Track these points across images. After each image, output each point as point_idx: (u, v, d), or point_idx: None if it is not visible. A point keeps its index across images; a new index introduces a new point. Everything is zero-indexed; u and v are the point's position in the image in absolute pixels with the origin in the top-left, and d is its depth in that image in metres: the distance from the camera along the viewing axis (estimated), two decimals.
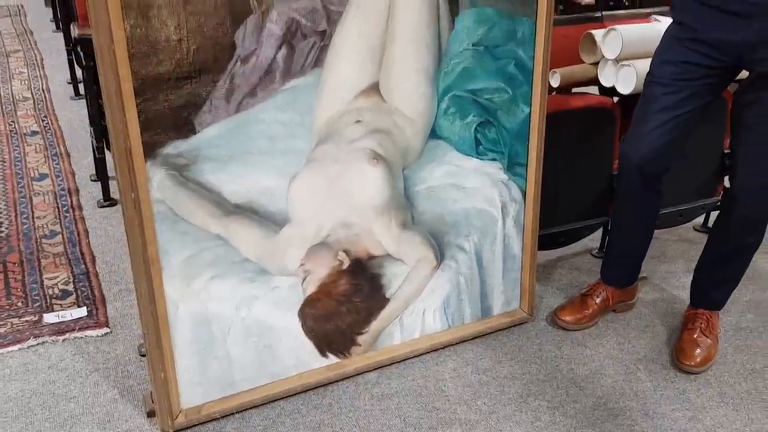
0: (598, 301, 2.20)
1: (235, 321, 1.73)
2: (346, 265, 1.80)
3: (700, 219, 2.78)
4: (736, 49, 1.72)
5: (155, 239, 1.57)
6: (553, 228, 2.34)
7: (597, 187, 2.36)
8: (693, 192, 2.56)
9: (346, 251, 1.80)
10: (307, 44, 1.61)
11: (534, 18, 1.84)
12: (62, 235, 2.42)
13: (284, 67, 1.60)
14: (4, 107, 3.35)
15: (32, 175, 2.80)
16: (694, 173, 2.49)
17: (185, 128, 1.54)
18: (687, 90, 1.83)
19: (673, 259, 2.59)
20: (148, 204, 1.54)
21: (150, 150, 1.51)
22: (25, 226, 2.45)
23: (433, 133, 1.85)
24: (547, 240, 2.36)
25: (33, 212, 2.51)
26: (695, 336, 2.07)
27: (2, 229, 2.43)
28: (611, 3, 4.51)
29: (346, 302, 1.84)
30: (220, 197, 1.63)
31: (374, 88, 1.74)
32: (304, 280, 1.78)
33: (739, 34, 1.69)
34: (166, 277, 1.62)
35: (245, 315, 1.74)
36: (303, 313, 1.80)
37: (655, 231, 2.62)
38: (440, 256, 1.94)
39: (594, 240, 2.60)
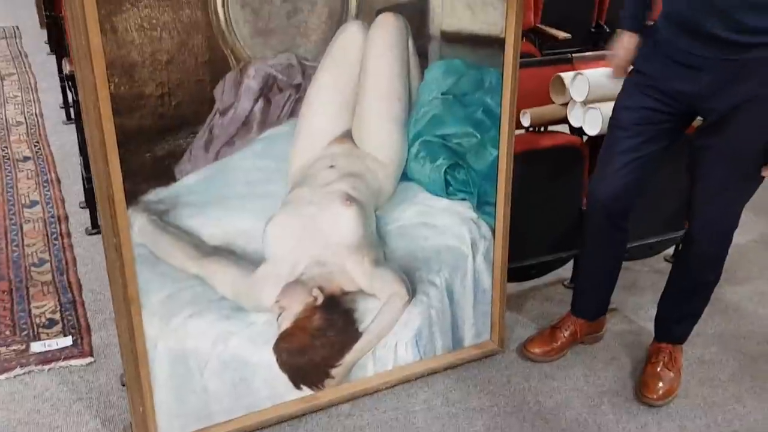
0: (566, 333, 2.29)
1: (212, 356, 1.80)
2: (320, 301, 1.87)
3: (671, 250, 2.87)
4: (690, 99, 1.83)
5: (135, 280, 1.65)
6: (524, 261, 2.43)
7: (567, 221, 2.45)
8: (662, 225, 2.65)
9: (320, 288, 1.88)
10: (283, 97, 1.70)
11: (501, 68, 1.93)
12: (51, 263, 2.50)
13: (261, 118, 1.69)
14: None
15: (23, 201, 2.88)
16: (663, 207, 2.58)
17: (166, 176, 1.62)
18: (646, 134, 1.93)
19: (644, 291, 2.68)
20: (129, 248, 1.62)
21: (132, 197, 1.59)
22: (15, 254, 2.52)
23: (405, 176, 1.94)
24: (518, 272, 2.45)
25: (23, 240, 2.59)
26: (658, 369, 2.16)
27: None
28: (593, 29, 4.63)
29: (320, 336, 1.91)
30: (198, 240, 1.71)
31: (347, 135, 1.83)
32: (279, 316, 1.85)
33: (692, 86, 1.80)
34: (146, 315, 1.69)
35: (222, 350, 1.81)
36: (278, 348, 1.87)
37: (627, 262, 2.72)
38: (412, 291, 2.02)
39: (567, 270, 2.68)
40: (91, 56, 1.44)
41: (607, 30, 4.53)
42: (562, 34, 3.47)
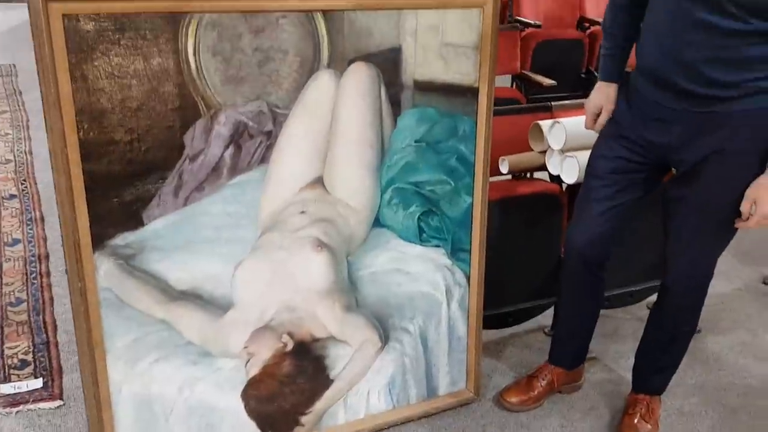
0: (543, 383, 2.27)
1: (177, 402, 1.79)
2: (289, 347, 1.86)
3: (654, 297, 2.85)
4: (661, 150, 1.84)
5: (100, 324, 1.65)
6: (502, 308, 2.42)
7: (545, 268, 2.45)
8: (643, 273, 2.65)
9: (290, 333, 1.86)
10: (254, 143, 1.71)
11: (474, 117, 1.95)
12: (28, 302, 2.49)
13: (231, 164, 1.70)
14: None
15: (6, 240, 2.89)
16: (643, 255, 2.58)
17: (134, 221, 1.63)
18: (621, 183, 1.95)
19: (625, 339, 2.66)
20: (94, 292, 1.62)
21: (98, 241, 1.59)
22: None
23: (377, 222, 1.94)
24: (496, 319, 2.44)
25: (2, 279, 2.58)
26: (635, 421, 2.13)
27: None
28: (583, 75, 4.70)
29: (289, 383, 1.88)
30: (165, 284, 1.71)
31: (318, 181, 1.84)
32: (247, 362, 1.83)
33: (663, 137, 1.81)
34: (111, 359, 1.68)
35: (188, 396, 1.79)
36: (246, 395, 1.85)
37: (608, 310, 2.71)
38: (385, 338, 2.00)
39: (548, 317, 2.67)
40: (60, 103, 1.46)
41: (597, 76, 4.58)
42: (546, 81, 3.52)
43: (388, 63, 1.81)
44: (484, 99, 1.94)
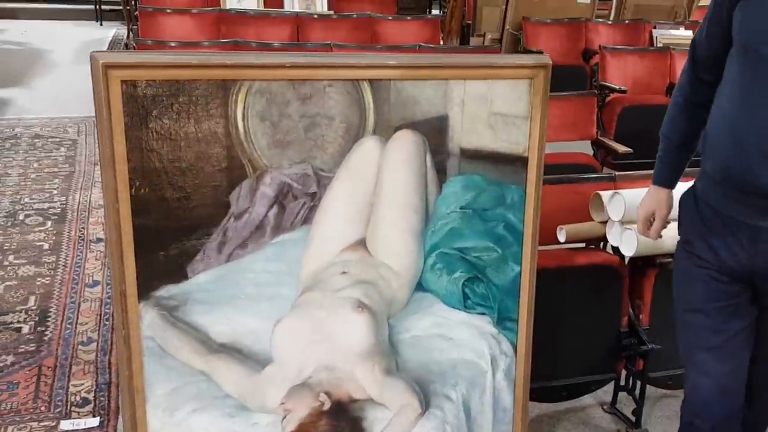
0: None
1: None
2: (326, 407, 1.85)
3: None
4: (745, 276, 1.60)
5: (142, 372, 1.71)
6: (554, 381, 2.34)
7: (604, 343, 2.36)
8: None
9: (327, 393, 1.86)
10: (298, 204, 1.76)
11: (524, 185, 1.93)
12: (97, 343, 2.63)
13: (274, 224, 1.75)
14: (80, 214, 3.73)
15: (87, 281, 3.08)
16: None
17: (178, 274, 1.69)
18: (724, 312, 1.64)
19: None
20: (138, 340, 1.69)
21: (144, 292, 1.67)
22: (67, 331, 2.67)
23: (420, 286, 1.92)
24: (548, 392, 2.36)
25: (77, 318, 2.74)
26: None
27: (47, 332, 2.66)
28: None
29: None
30: (205, 336, 1.75)
31: (361, 243, 1.85)
32: (283, 418, 1.83)
33: (744, 262, 1.56)
34: (150, 407, 1.74)
35: None
36: None
37: (674, 390, 2.55)
38: (425, 404, 1.96)
39: (607, 392, 2.55)
40: (115, 162, 1.56)
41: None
42: (621, 148, 3.44)
43: (434, 131, 1.83)
44: (533, 168, 1.91)
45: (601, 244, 2.50)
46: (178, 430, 1.77)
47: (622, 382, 2.48)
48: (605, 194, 2.28)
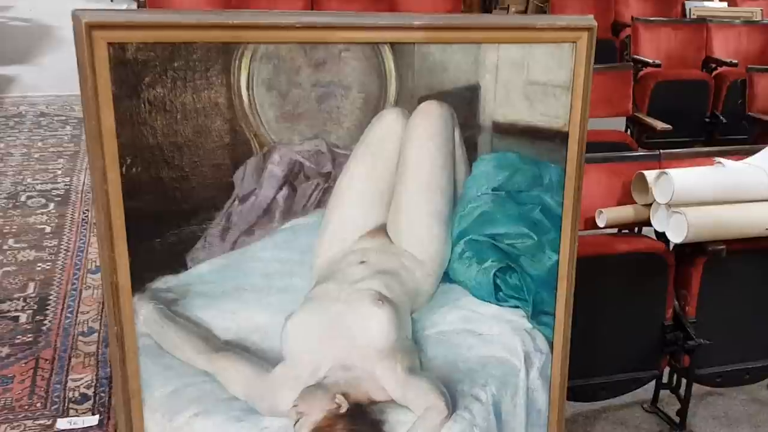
0: None
1: None
2: (343, 409, 1.69)
3: None
4: None
5: (137, 373, 1.55)
6: (592, 379, 2.15)
7: (646, 338, 2.17)
8: (762, 348, 2.29)
9: (344, 394, 1.70)
10: (310, 185, 1.59)
11: (563, 164, 1.73)
12: (99, 333, 2.48)
13: (284, 208, 1.58)
14: (84, 195, 3.58)
15: (89, 266, 2.93)
16: (763, 327, 2.23)
17: (177, 264, 1.53)
18: None
19: (738, 423, 2.31)
20: (132, 338, 1.53)
21: (138, 284, 1.50)
22: (67, 321, 2.54)
23: (447, 277, 1.76)
24: (585, 391, 2.18)
25: (78, 306, 2.61)
26: None
27: (46, 321, 2.53)
28: (707, 119, 4.30)
29: None
30: (209, 333, 1.60)
31: (381, 229, 1.69)
32: (296, 422, 1.68)
33: None
34: (147, 411, 1.58)
35: None
36: None
37: (720, 388, 2.36)
38: (452, 406, 1.79)
39: (648, 391, 2.36)
40: (102, 137, 1.38)
41: (724, 121, 4.21)
42: (660, 125, 3.21)
43: (463, 102, 1.65)
44: (574, 145, 1.72)
45: (636, 229, 2.31)
46: None
47: (665, 379, 2.29)
48: (650, 174, 2.08)
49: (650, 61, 4.16)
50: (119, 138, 1.40)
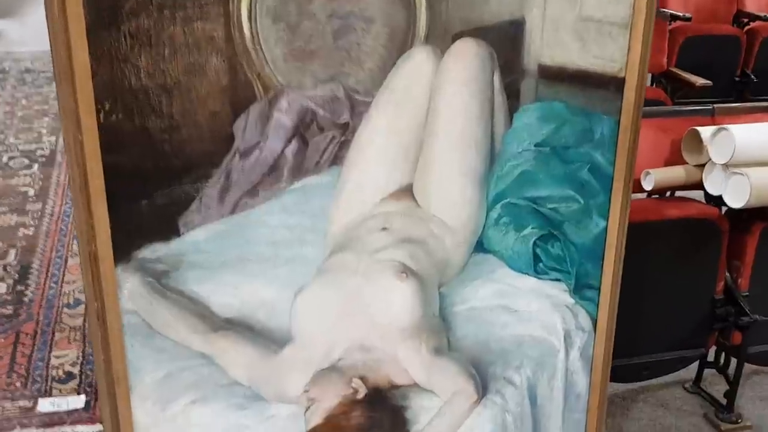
0: None
1: None
2: (361, 395, 1.54)
3: None
4: None
5: (123, 356, 1.36)
6: (634, 358, 1.97)
7: (694, 313, 1.99)
8: None
9: (362, 378, 1.55)
10: (324, 138, 1.39)
11: (617, 117, 1.52)
12: (86, 305, 2.28)
13: (294, 164, 1.39)
14: None
15: (75, 232, 2.73)
16: None
17: (167, 229, 1.34)
18: None
19: None
20: (116, 316, 1.33)
21: (122, 253, 1.30)
22: (51, 291, 2.37)
23: (481, 246, 1.59)
24: (627, 371, 2.00)
25: (63, 276, 2.42)
26: None
27: (27, 292, 2.35)
28: (737, 78, 4.07)
29: None
30: (206, 310, 1.43)
31: (406, 191, 1.51)
32: (307, 409, 1.53)
33: None
34: (136, 399, 1.40)
35: None
36: None
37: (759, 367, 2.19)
38: (482, 390, 1.63)
39: (690, 370, 2.17)
40: (74, 77, 1.15)
41: (755, 80, 3.99)
42: (700, 81, 2.99)
43: (505, 41, 1.46)
44: (631, 94, 1.51)
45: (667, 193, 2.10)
46: (174, 427, 1.46)
47: (710, 358, 2.10)
48: (705, 131, 1.85)
49: (680, 14, 3.92)
50: (95, 77, 1.17)
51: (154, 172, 1.27)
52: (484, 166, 1.51)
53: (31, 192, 3.09)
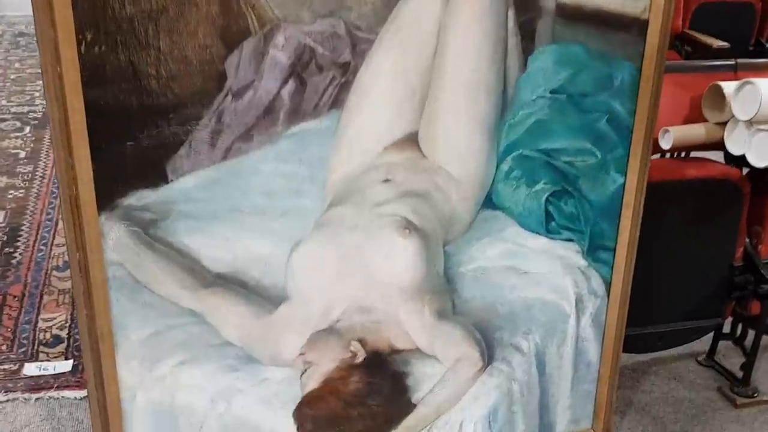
0: None
1: (209, 417, 1.43)
2: (360, 359, 1.49)
3: None
4: None
5: (107, 310, 1.27)
6: (648, 327, 1.88)
7: (711, 280, 1.89)
8: None
9: (361, 341, 1.49)
10: (324, 79, 1.30)
11: (639, 62, 1.42)
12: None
13: (291, 107, 1.30)
14: None
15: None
16: None
17: (154, 175, 1.25)
18: None
19: None
20: (100, 267, 1.24)
21: (106, 199, 1.22)
22: (40, 254, 2.28)
23: (489, 202, 1.51)
24: (638, 341, 1.91)
25: (53, 238, 2.34)
26: None
27: (16, 254, 2.27)
28: (751, 47, 3.94)
29: (357, 405, 1.51)
30: (197, 264, 1.35)
31: (411, 140, 1.43)
32: (303, 373, 1.47)
33: None
34: (122, 357, 1.33)
35: (223, 411, 1.43)
36: (300, 414, 1.49)
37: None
38: (488, 356, 1.58)
39: (704, 342, 2.08)
40: (53, 3, 1.07)
41: None
42: (717, 43, 2.87)
43: None
44: (655, 39, 1.42)
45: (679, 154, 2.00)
46: (161, 388, 1.39)
47: (726, 329, 2.02)
48: (728, 86, 1.74)
49: None
50: (75, 7, 1.07)
51: (139, 110, 1.17)
52: (495, 114, 1.42)
53: (23, 154, 3.03)
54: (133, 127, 1.18)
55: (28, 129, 3.24)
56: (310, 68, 1.27)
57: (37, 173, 2.81)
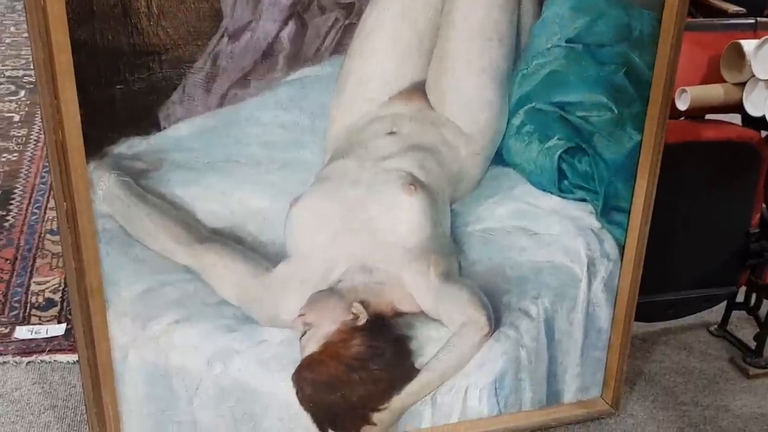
0: None
1: (205, 378, 1.39)
2: (362, 321, 1.44)
3: None
4: None
5: (97, 264, 1.23)
6: (659, 295, 1.82)
7: (726, 247, 1.82)
8: None
9: (363, 302, 1.44)
10: (326, 21, 1.24)
11: (659, 11, 1.36)
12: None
13: (291, 51, 1.24)
14: None
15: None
16: None
17: (146, 122, 1.20)
18: None
19: None
20: (89, 218, 1.19)
21: (94, 147, 1.17)
22: (33, 217, 2.24)
23: (500, 158, 1.46)
24: (649, 309, 1.84)
25: (47, 202, 2.30)
26: None
27: (9, 217, 2.23)
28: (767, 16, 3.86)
29: (359, 369, 1.47)
30: (191, 218, 1.30)
31: (418, 90, 1.36)
32: (303, 335, 1.43)
33: None
34: (113, 314, 1.28)
35: (219, 372, 1.39)
36: (299, 377, 1.45)
37: None
38: (495, 321, 1.54)
39: (716, 312, 2.02)
40: None
41: None
42: (732, 8, 2.77)
43: None
44: None
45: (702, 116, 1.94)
46: (155, 347, 1.35)
47: (738, 298, 1.96)
48: (748, 44, 1.67)
49: None
50: None
51: (129, 51, 1.11)
52: (507, 63, 1.36)
53: (17, 118, 2.99)
54: (123, 69, 1.13)
55: (22, 93, 3.19)
56: (311, 9, 1.21)
57: (31, 137, 2.76)
